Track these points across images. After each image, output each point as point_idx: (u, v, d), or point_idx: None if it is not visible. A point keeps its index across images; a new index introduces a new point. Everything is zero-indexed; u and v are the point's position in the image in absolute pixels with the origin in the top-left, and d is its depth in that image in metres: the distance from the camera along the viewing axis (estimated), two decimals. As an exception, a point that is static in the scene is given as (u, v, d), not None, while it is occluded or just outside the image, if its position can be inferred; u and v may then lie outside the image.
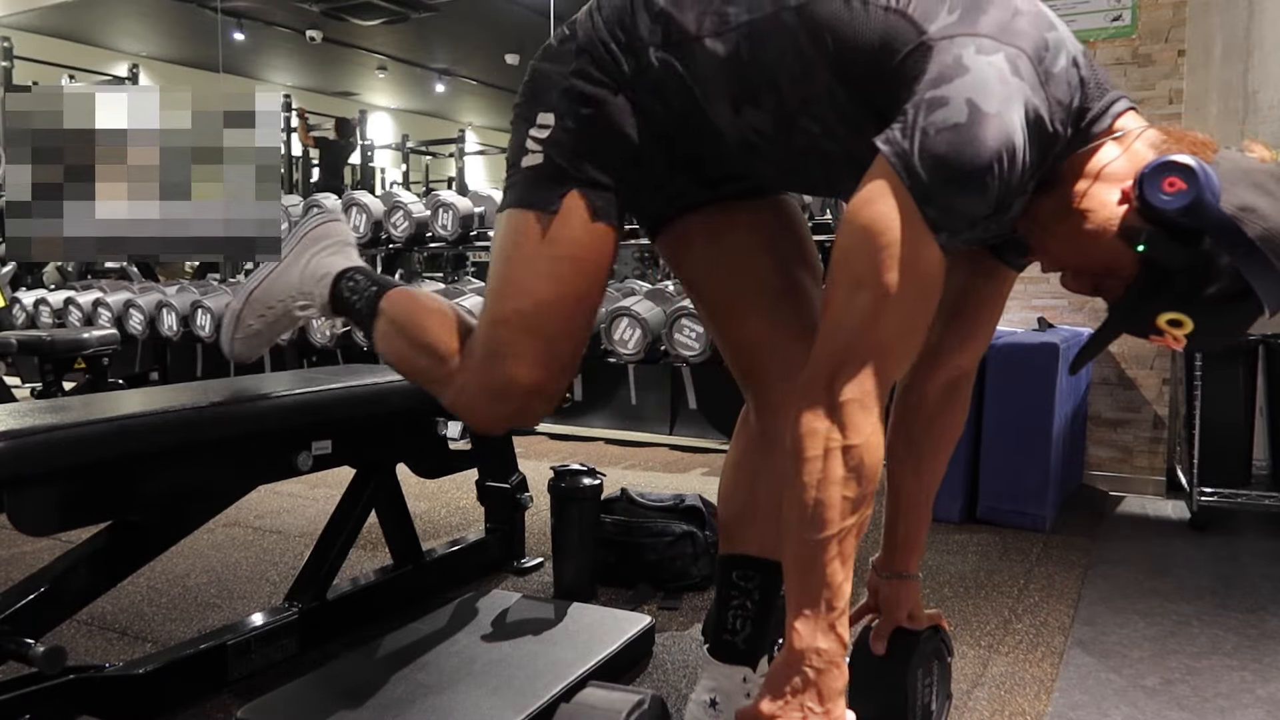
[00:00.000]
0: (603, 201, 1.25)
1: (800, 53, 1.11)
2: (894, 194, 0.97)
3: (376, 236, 4.80)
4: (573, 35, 1.28)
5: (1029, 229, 1.13)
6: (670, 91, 1.22)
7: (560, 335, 1.27)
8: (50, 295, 5.45)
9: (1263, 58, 3.29)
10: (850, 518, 1.00)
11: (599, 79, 1.24)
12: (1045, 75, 1.01)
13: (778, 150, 1.20)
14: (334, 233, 1.55)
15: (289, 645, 1.74)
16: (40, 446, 1.30)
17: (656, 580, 2.21)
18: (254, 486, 1.77)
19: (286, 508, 3.03)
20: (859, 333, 1.00)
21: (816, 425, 1.00)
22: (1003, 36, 1.00)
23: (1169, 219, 0.99)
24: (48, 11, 8.30)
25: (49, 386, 3.74)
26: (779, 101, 1.14)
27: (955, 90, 0.96)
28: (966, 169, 0.95)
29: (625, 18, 1.23)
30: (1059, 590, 2.27)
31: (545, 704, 1.43)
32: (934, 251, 0.99)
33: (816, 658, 1.00)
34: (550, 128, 1.25)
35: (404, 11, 8.56)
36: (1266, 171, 1.03)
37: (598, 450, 4.15)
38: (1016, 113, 0.96)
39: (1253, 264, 0.98)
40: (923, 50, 1.00)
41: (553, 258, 1.24)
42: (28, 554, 2.46)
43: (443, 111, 13.94)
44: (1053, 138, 1.03)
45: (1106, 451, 3.42)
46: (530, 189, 1.26)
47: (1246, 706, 1.66)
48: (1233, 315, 1.03)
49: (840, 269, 1.02)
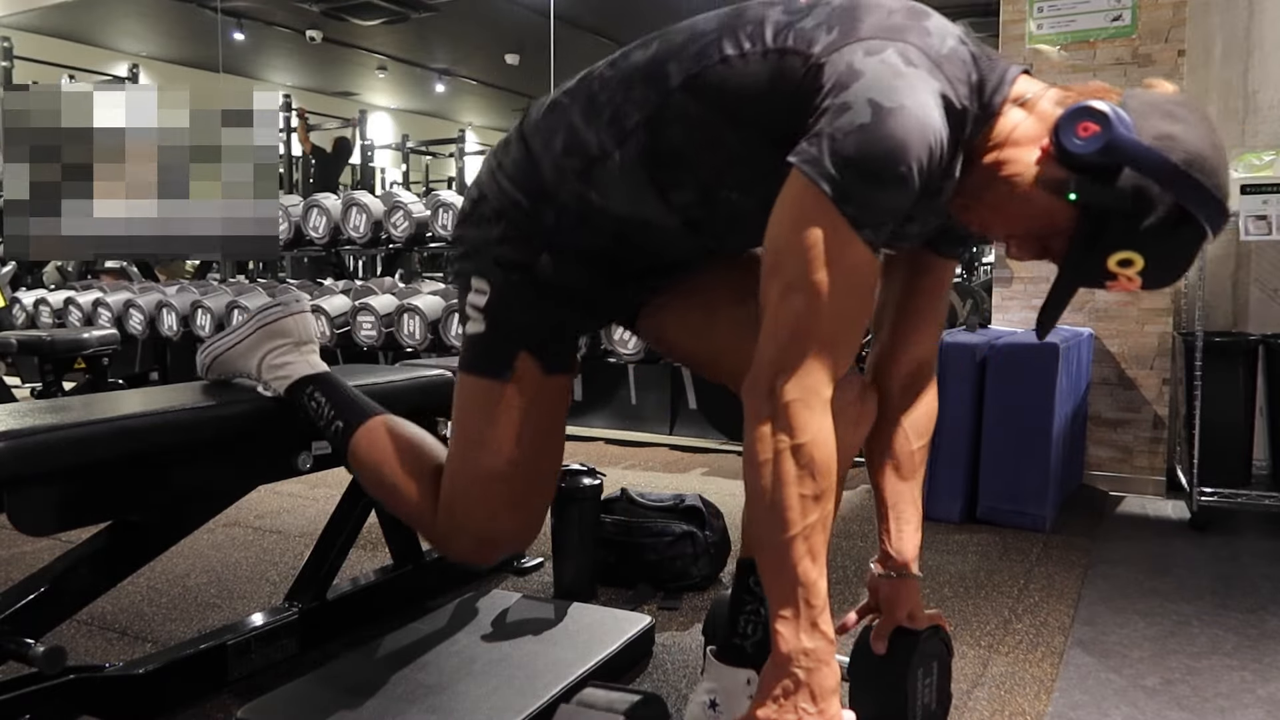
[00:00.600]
0: (553, 354, 1.31)
1: (701, 124, 1.14)
2: (811, 199, 0.99)
3: (376, 236, 4.80)
4: (484, 198, 1.32)
5: (964, 209, 1.15)
6: (597, 217, 1.25)
7: (528, 488, 1.34)
8: (50, 295, 5.45)
9: (1263, 58, 3.29)
10: (812, 514, 1.01)
11: (523, 242, 1.28)
12: (937, 58, 1.03)
13: (716, 221, 1.22)
14: (291, 330, 1.55)
15: (289, 645, 1.74)
16: (40, 446, 1.30)
17: (656, 580, 2.21)
18: (254, 486, 1.76)
19: (286, 508, 3.03)
20: (795, 334, 1.01)
21: (764, 429, 1.02)
22: (886, 34, 1.03)
23: (1090, 162, 1.01)
24: (48, 11, 8.29)
25: (49, 386, 3.74)
26: (697, 178, 1.18)
27: (854, 94, 0.98)
28: (880, 165, 0.96)
29: (529, 170, 1.27)
30: (1059, 590, 2.27)
31: (545, 704, 1.43)
32: (859, 249, 1.00)
33: (804, 658, 1.00)
34: (487, 294, 1.30)
35: (404, 11, 8.55)
36: (1174, 101, 1.05)
37: (598, 450, 4.14)
38: (920, 99, 0.98)
39: (1185, 188, 1.00)
40: (815, 70, 1.03)
41: (512, 421, 1.30)
42: (28, 554, 2.46)
43: (443, 111, 13.93)
44: (961, 114, 1.05)
45: (1106, 451, 3.42)
46: (480, 356, 1.32)
47: (1246, 706, 1.65)
48: (1178, 242, 1.04)
49: (771, 277, 1.04)
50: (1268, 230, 2.72)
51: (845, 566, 2.44)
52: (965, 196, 1.13)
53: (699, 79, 1.13)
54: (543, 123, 1.28)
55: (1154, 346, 3.34)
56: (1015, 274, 3.50)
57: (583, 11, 7.64)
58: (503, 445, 1.30)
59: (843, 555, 2.54)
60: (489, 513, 1.32)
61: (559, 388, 1.34)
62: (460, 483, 1.34)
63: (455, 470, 1.34)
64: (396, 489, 1.41)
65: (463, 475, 1.33)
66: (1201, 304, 2.84)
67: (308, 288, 4.93)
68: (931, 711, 1.42)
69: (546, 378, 1.31)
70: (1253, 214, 2.73)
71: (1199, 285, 2.85)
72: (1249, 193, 2.73)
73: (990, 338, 3.01)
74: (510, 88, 11.35)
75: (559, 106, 1.28)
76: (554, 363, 1.32)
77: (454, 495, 1.34)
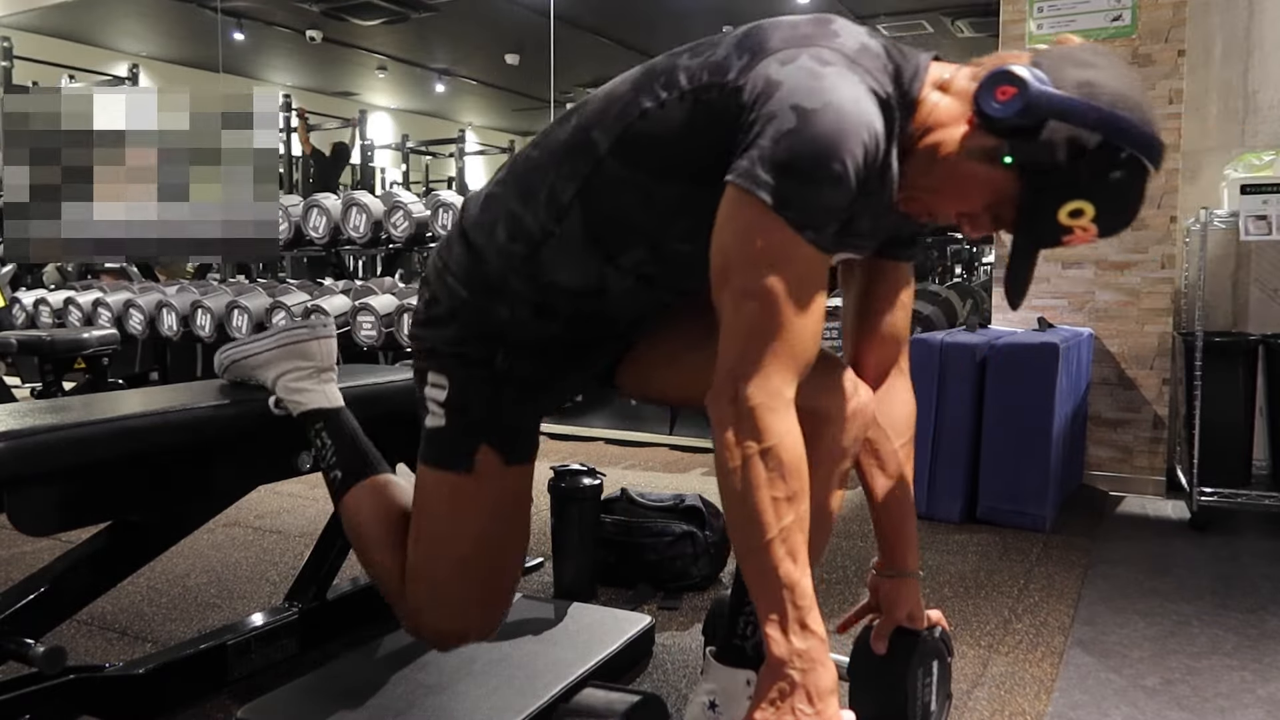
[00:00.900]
0: (513, 445, 1.32)
1: (634, 185, 1.16)
2: (751, 209, 1.00)
3: (376, 236, 4.80)
4: (435, 300, 1.33)
5: (909, 200, 1.16)
6: (552, 299, 1.27)
7: (492, 581, 1.35)
8: (50, 295, 5.45)
9: (1263, 58, 3.29)
10: (787, 516, 1.01)
11: (479, 340, 1.29)
12: (851, 55, 1.05)
13: (670, 273, 1.24)
14: (314, 354, 1.55)
15: (289, 645, 1.74)
16: (40, 446, 1.30)
17: (656, 580, 2.21)
18: (254, 486, 1.76)
19: (286, 508, 3.03)
20: (752, 340, 1.02)
21: (730, 436, 1.02)
22: (797, 44, 1.05)
23: (1016, 123, 1.02)
24: (48, 11, 8.29)
25: (49, 386, 3.74)
26: (642, 236, 1.19)
27: (777, 102, 1.00)
28: (813, 165, 0.98)
29: (475, 268, 1.28)
30: (1059, 590, 2.27)
31: (545, 704, 1.43)
32: (805, 249, 1.01)
33: (798, 659, 1.00)
34: (446, 389, 1.31)
35: (404, 11, 8.55)
36: (1085, 49, 1.07)
37: (598, 450, 4.14)
38: (842, 94, 1.00)
39: (1113, 128, 1.01)
40: (734, 93, 1.05)
41: (474, 514, 1.31)
42: (28, 554, 2.46)
43: (443, 111, 13.93)
44: (886, 104, 1.06)
45: (1106, 451, 3.42)
46: (441, 450, 1.32)
47: (1246, 706, 1.66)
48: (1121, 183, 1.04)
49: (721, 288, 1.05)
50: (1268, 230, 2.72)
51: (845, 567, 2.44)
52: (908, 188, 1.14)
53: (624, 139, 1.15)
54: (481, 216, 1.30)
55: (1154, 346, 3.34)
56: (1015, 274, 3.50)
57: (583, 11, 7.64)
58: (465, 538, 1.32)
59: (842, 555, 2.54)
60: (452, 610, 1.34)
61: (521, 476, 1.35)
62: (424, 576, 1.35)
63: (419, 564, 1.35)
64: (373, 559, 1.43)
65: (427, 569, 1.34)
66: (1201, 304, 2.84)
67: (308, 288, 4.94)
68: (931, 711, 1.42)
69: (507, 468, 1.32)
70: (1253, 214, 2.73)
71: (1199, 285, 2.85)
72: (1249, 193, 2.73)
73: (990, 338, 3.01)
74: (510, 88, 11.35)
75: (494, 197, 1.29)
76: (515, 454, 1.33)
77: (418, 588, 1.35)
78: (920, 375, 2.96)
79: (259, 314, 4.69)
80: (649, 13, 7.81)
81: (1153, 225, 3.31)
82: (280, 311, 4.60)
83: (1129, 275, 3.36)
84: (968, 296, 4.11)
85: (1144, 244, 3.33)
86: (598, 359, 1.39)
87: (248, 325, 4.70)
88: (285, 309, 4.59)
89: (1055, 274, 3.44)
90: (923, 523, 2.89)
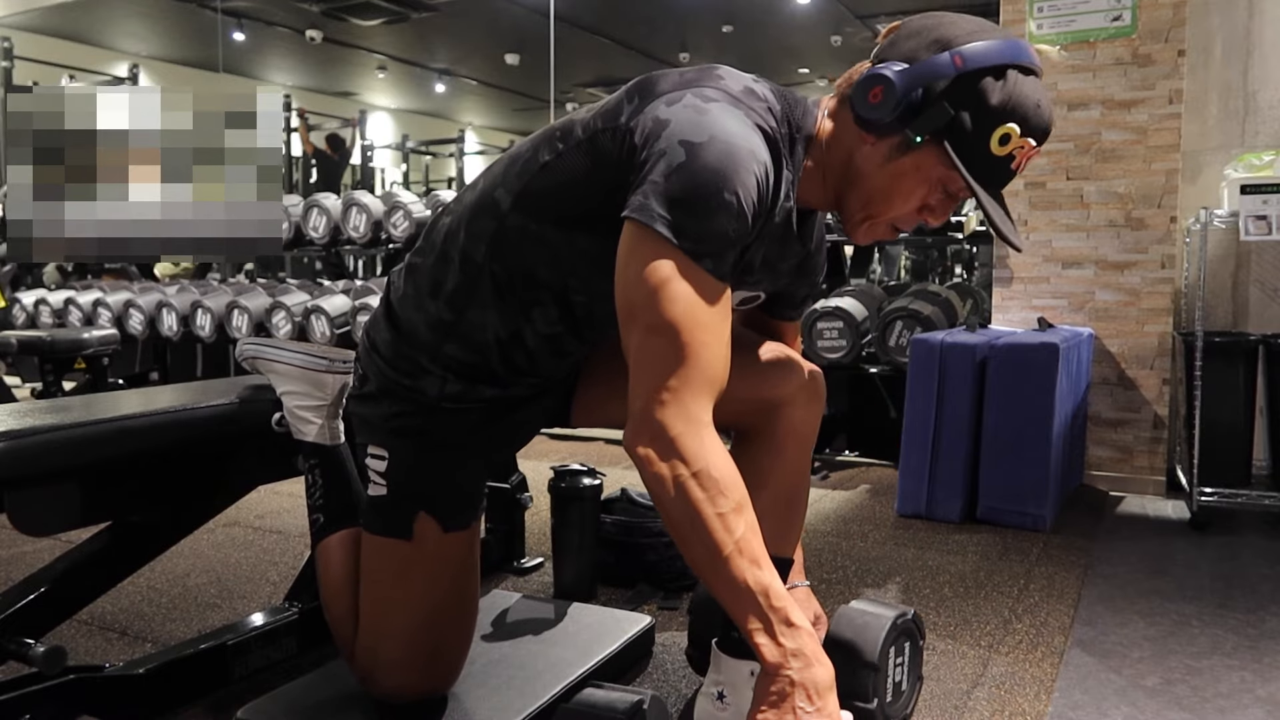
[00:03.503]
0: (451, 513, 1.35)
1: (537, 239, 1.21)
2: (648, 243, 1.03)
3: (376, 236, 4.80)
4: (366, 378, 1.38)
5: (865, 219, 1.21)
6: (482, 361, 1.30)
7: (440, 643, 1.38)
8: (50, 295, 5.45)
9: (1263, 58, 3.29)
10: (738, 527, 1.03)
11: (412, 415, 1.33)
12: (734, 95, 1.11)
13: (593, 321, 1.27)
14: (327, 387, 1.57)
15: (289, 645, 1.74)
16: (40, 446, 1.30)
17: (656, 580, 2.21)
18: (254, 486, 1.77)
19: (286, 508, 3.03)
20: (664, 372, 1.03)
21: (661, 469, 1.03)
22: (683, 86, 1.11)
23: (901, 111, 1.09)
24: (48, 11, 8.29)
25: (49, 386, 3.74)
26: (548, 289, 1.23)
27: (666, 140, 1.05)
28: (705, 195, 1.02)
29: (401, 349, 1.33)
30: (1059, 590, 2.27)
31: (545, 704, 1.43)
32: (704, 278, 1.04)
33: (793, 660, 1.01)
34: (386, 459, 1.35)
35: (404, 11, 8.55)
36: (916, 18, 1.15)
37: (598, 450, 4.15)
38: (727, 127, 1.05)
39: (977, 57, 1.09)
40: (626, 135, 1.10)
41: (418, 580, 1.34)
42: (28, 554, 2.46)
43: (443, 111, 13.93)
44: (772, 139, 1.12)
45: (1106, 451, 3.42)
46: (382, 518, 1.36)
47: (1246, 706, 1.66)
48: (1018, 91, 1.10)
49: (628, 325, 1.07)
50: (1268, 230, 2.72)
51: (845, 567, 2.44)
52: (858, 211, 1.20)
53: (525, 192, 1.21)
54: (406, 288, 1.34)
55: (1154, 346, 3.34)
56: (1015, 274, 3.50)
57: (583, 11, 7.64)
58: (410, 604, 1.35)
59: (842, 555, 2.54)
60: (402, 673, 1.36)
61: (459, 543, 1.38)
62: (375, 637, 1.37)
63: (369, 625, 1.38)
64: (331, 611, 1.46)
65: (377, 630, 1.37)
66: (1201, 304, 2.85)
67: (308, 288, 4.94)
68: (902, 691, 1.47)
69: (445, 535, 1.35)
70: (1253, 214, 2.73)
71: (1199, 285, 2.85)
72: (1249, 193, 2.73)
73: (990, 338, 3.01)
74: (510, 88, 11.35)
75: (415, 267, 1.34)
76: (454, 520, 1.36)
77: (371, 646, 1.38)
78: (921, 375, 2.97)
79: (259, 314, 4.69)
80: (649, 13, 7.82)
81: (1153, 225, 3.31)
82: (280, 311, 4.60)
83: (1129, 275, 3.36)
84: (968, 296, 4.11)
85: (1144, 244, 3.33)
86: (534, 415, 1.43)
87: (247, 325, 4.70)
88: (285, 309, 4.59)
89: (1055, 274, 3.44)
90: (923, 523, 2.89)
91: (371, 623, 1.37)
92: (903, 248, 7.42)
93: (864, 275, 5.01)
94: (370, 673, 1.38)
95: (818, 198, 1.24)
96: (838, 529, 2.82)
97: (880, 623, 1.43)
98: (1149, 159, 3.30)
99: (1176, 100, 3.26)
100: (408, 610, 1.35)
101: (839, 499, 3.21)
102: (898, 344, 3.48)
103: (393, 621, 1.35)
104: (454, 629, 1.40)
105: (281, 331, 4.57)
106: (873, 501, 3.17)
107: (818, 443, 1.55)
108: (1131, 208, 3.34)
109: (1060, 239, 3.43)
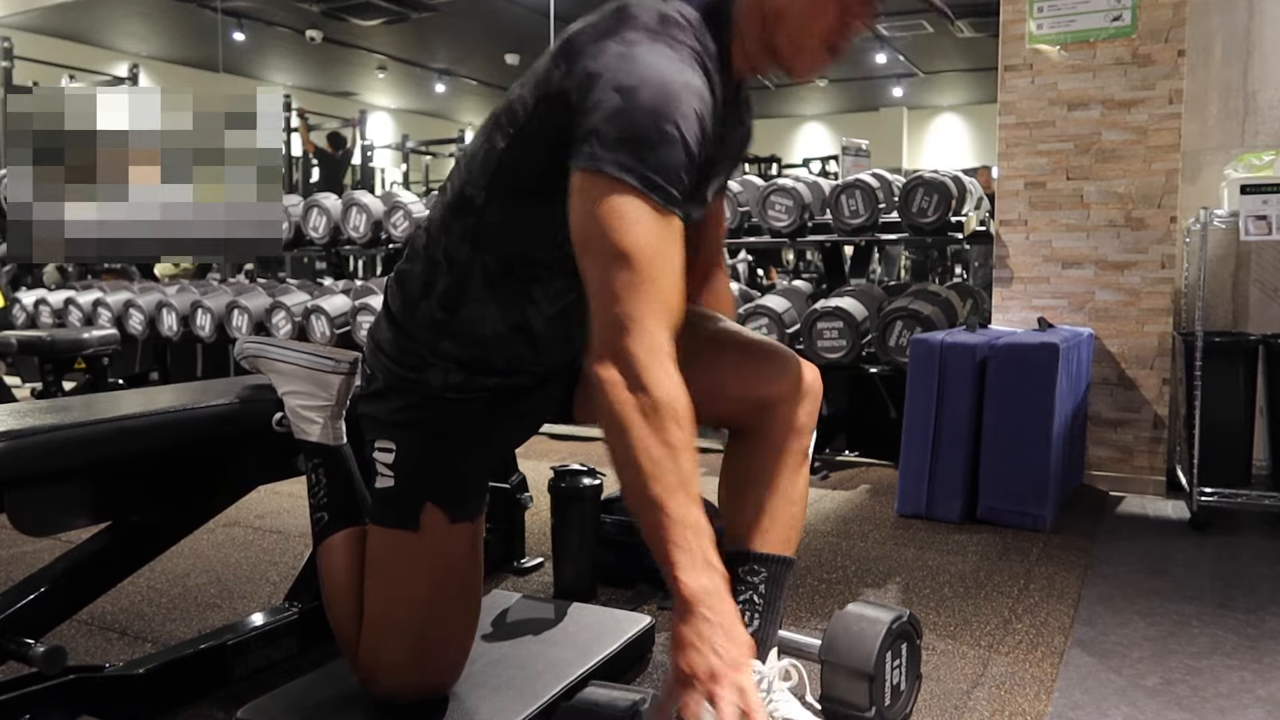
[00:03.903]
0: (457, 504, 1.37)
1: (521, 221, 1.24)
2: (598, 184, 1.06)
3: (376, 236, 4.80)
4: (373, 377, 1.41)
5: (791, 57, 1.24)
6: (486, 350, 1.33)
7: (446, 636, 1.39)
8: (50, 295, 5.45)
9: (1263, 58, 3.29)
10: (684, 460, 1.05)
11: (418, 406, 1.36)
12: (651, 28, 1.14)
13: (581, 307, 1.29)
14: (331, 387, 1.57)
15: (289, 645, 1.74)
16: (40, 446, 1.30)
17: (656, 580, 2.21)
18: (254, 486, 1.77)
19: (286, 508, 3.03)
20: (624, 300, 1.05)
21: (621, 394, 1.05)
22: (602, 37, 1.14)
23: None
24: (48, 11, 8.29)
25: (49, 386, 3.75)
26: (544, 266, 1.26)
27: (600, 90, 1.08)
28: (646, 134, 1.05)
29: (404, 346, 1.36)
30: (1059, 590, 2.27)
31: (545, 704, 1.43)
32: (656, 207, 1.07)
33: (708, 597, 1.01)
34: (393, 452, 1.37)
35: (404, 11, 8.56)
36: None
37: (598, 450, 4.13)
38: (655, 65, 1.08)
39: None
40: (561, 96, 1.14)
41: (424, 571, 1.36)
42: (28, 554, 2.46)
43: (443, 111, 13.93)
44: (696, 50, 1.15)
45: (1106, 451, 3.42)
46: (390, 510, 1.37)
47: (1246, 706, 1.66)
48: None
49: (585, 258, 1.09)
50: (1268, 230, 2.72)
51: (845, 567, 2.44)
52: (787, 47, 1.22)
53: (495, 182, 1.24)
54: (399, 294, 1.37)
55: (1154, 346, 3.34)
56: (1015, 274, 3.50)
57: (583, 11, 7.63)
58: (415, 598, 1.36)
59: (842, 555, 2.54)
60: (404, 673, 1.37)
61: (466, 536, 1.39)
62: (379, 634, 1.38)
63: (374, 621, 1.39)
64: (333, 611, 1.46)
65: (382, 627, 1.38)
66: (1201, 304, 2.85)
67: (308, 288, 4.94)
68: (901, 692, 1.48)
69: (452, 526, 1.37)
70: (1253, 214, 2.73)
71: (1199, 285, 2.86)
72: (1249, 193, 2.73)
73: (990, 338, 3.01)
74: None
75: (405, 274, 1.37)
76: (459, 512, 1.38)
77: (374, 644, 1.38)
78: (921, 375, 2.97)
79: (259, 314, 4.69)
80: (649, 13, 7.80)
81: (1153, 225, 3.31)
82: (280, 311, 4.60)
83: (1129, 275, 3.36)
84: (968, 296, 4.11)
85: (1144, 244, 3.33)
86: (540, 403, 1.45)
87: (248, 325, 4.70)
88: (285, 309, 4.59)
89: (1055, 274, 3.44)
90: (923, 523, 2.89)
91: (376, 619, 1.38)
92: (903, 248, 7.42)
93: (864, 275, 5.01)
94: (373, 673, 1.39)
95: (753, 60, 1.26)
96: (838, 529, 2.82)
97: (876, 629, 1.44)
98: (1149, 159, 3.30)
99: (1176, 100, 3.26)
100: (412, 606, 1.35)
101: (839, 499, 3.21)
102: (898, 344, 3.48)
103: (397, 617, 1.36)
104: (457, 626, 1.41)
105: (281, 331, 4.57)
106: (873, 501, 3.17)
107: (818, 443, 1.55)
108: (1131, 208, 3.34)
109: (1060, 239, 3.43)
